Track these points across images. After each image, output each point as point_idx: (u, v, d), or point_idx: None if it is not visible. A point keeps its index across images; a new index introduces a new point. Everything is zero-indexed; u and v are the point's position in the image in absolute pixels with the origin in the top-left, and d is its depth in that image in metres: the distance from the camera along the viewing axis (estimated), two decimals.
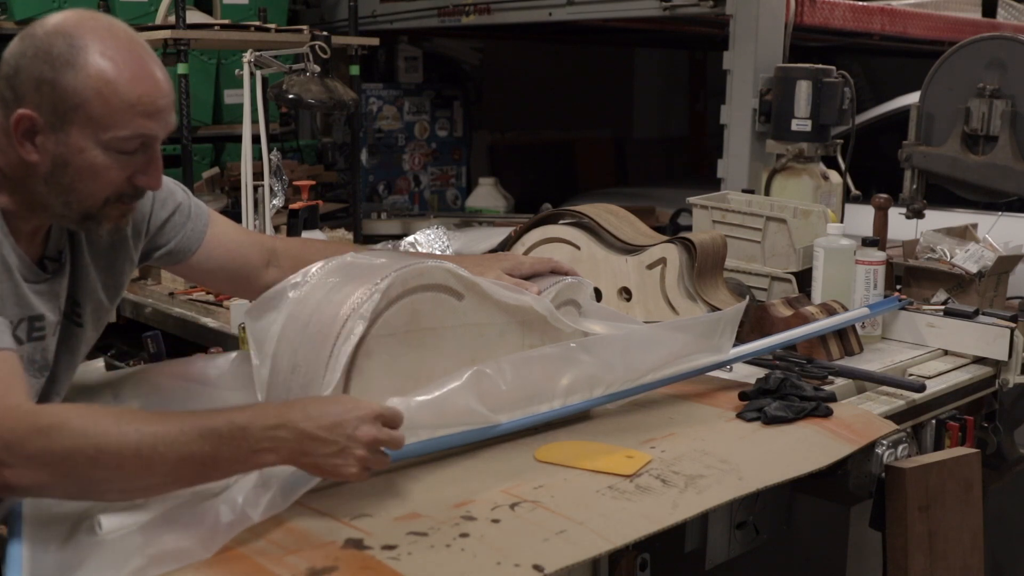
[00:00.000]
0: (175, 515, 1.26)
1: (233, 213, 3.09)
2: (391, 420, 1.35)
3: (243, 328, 2.01)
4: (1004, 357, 2.16)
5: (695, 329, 1.83)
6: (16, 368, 1.32)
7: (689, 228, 2.84)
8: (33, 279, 1.48)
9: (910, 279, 2.52)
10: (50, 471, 1.21)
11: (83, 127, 1.38)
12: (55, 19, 1.41)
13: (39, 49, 1.38)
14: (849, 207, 3.18)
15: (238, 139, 3.17)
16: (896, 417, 1.87)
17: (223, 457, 1.25)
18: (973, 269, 2.41)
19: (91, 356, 2.04)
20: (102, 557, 1.21)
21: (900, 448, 1.76)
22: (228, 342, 2.60)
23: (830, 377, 1.97)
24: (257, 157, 2.94)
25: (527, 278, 1.76)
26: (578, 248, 2.31)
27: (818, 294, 2.30)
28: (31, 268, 1.48)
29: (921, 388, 1.95)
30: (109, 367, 2.03)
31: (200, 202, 1.78)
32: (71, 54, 1.37)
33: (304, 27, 4.01)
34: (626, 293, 2.29)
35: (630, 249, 2.27)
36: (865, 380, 1.99)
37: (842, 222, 2.69)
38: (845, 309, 2.20)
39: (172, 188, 1.73)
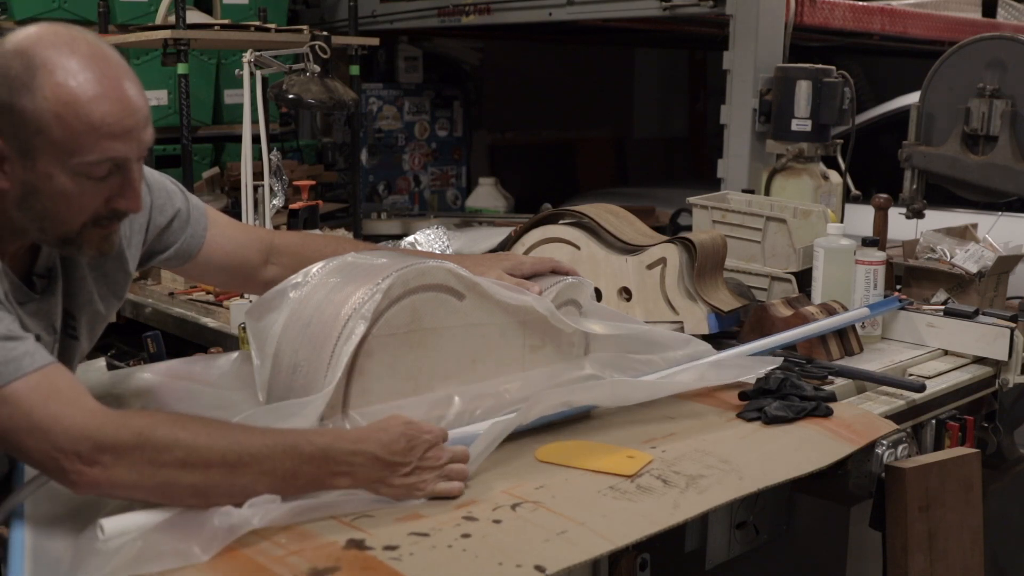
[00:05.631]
0: (176, 521, 1.26)
1: (233, 213, 3.08)
2: (453, 450, 1.41)
3: (243, 328, 2.01)
4: (1004, 357, 2.16)
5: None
6: (73, 377, 1.31)
7: (689, 228, 2.84)
8: (23, 300, 1.42)
9: (910, 279, 2.52)
10: (138, 472, 1.23)
11: (48, 153, 1.30)
12: (16, 37, 1.32)
13: None
14: (849, 207, 3.18)
15: (238, 139, 3.17)
16: (896, 417, 1.87)
17: (302, 475, 1.30)
18: (973, 269, 2.42)
19: (91, 356, 2.04)
20: (103, 561, 1.21)
21: (900, 448, 1.76)
22: (228, 342, 2.60)
23: (830, 377, 1.97)
24: (257, 157, 2.94)
25: (528, 278, 1.75)
26: (578, 248, 2.31)
27: (818, 294, 2.30)
28: (19, 289, 1.42)
29: (921, 388, 1.95)
30: (109, 367, 2.03)
31: (199, 202, 1.75)
32: (27, 76, 1.28)
33: (304, 27, 4.01)
34: (626, 293, 2.29)
35: (630, 249, 2.28)
36: (865, 380, 1.99)
37: (842, 222, 2.69)
38: (845, 309, 2.20)
39: (170, 192, 1.69)
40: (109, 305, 1.61)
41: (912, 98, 2.96)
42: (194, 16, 3.90)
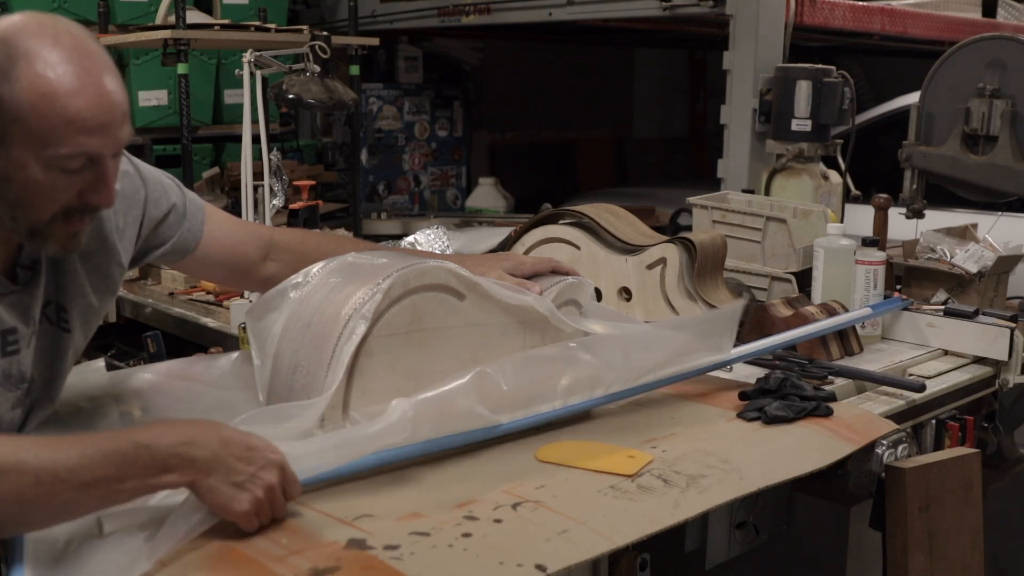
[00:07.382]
0: (176, 512, 1.26)
1: (233, 213, 3.06)
2: (292, 478, 1.30)
3: (243, 328, 2.01)
4: (1004, 357, 2.17)
5: (695, 328, 1.83)
6: None
7: (689, 228, 2.84)
8: (1, 291, 1.41)
9: (910, 279, 2.52)
10: None
11: (22, 143, 1.29)
12: (1, 24, 1.31)
13: None
14: (849, 207, 3.18)
15: (238, 139, 3.17)
16: (896, 417, 1.87)
17: (129, 477, 1.20)
18: (973, 269, 2.42)
19: (91, 356, 2.04)
20: (104, 557, 1.21)
21: (900, 448, 1.76)
22: (228, 342, 2.60)
23: (830, 377, 1.97)
24: (257, 157, 2.94)
25: (528, 278, 1.76)
26: (578, 248, 2.31)
27: (818, 294, 2.30)
28: None
29: (921, 388, 1.95)
30: (109, 367, 2.03)
31: (196, 197, 1.74)
32: (8, 64, 1.27)
33: (304, 27, 4.02)
34: (626, 293, 2.29)
35: (630, 249, 2.28)
36: (865, 380, 1.99)
37: (842, 222, 2.69)
38: (845, 309, 2.20)
39: (166, 187, 1.68)
40: (103, 298, 1.60)
41: (912, 98, 2.96)
42: (194, 16, 3.91)
